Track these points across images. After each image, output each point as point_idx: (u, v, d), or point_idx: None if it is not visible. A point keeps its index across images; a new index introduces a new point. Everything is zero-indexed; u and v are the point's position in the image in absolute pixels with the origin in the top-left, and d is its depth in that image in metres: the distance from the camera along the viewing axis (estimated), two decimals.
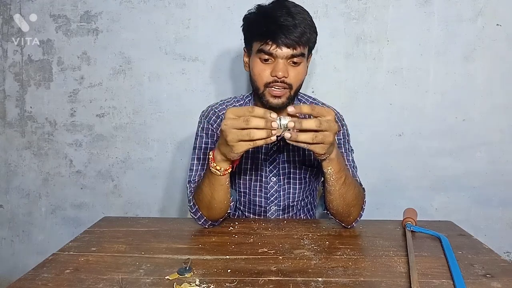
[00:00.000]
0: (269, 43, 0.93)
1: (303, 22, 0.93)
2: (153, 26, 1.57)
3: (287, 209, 1.11)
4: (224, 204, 0.93)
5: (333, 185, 0.88)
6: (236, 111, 0.76)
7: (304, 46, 0.95)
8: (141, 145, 1.65)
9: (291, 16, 0.92)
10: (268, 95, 0.97)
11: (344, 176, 0.88)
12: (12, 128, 1.67)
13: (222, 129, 0.76)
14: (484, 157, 1.57)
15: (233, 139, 0.75)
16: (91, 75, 1.61)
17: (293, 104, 1.04)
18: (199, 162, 1.04)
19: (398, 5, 1.50)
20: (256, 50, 0.97)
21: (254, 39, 0.98)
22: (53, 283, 0.69)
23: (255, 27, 0.97)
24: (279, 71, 0.93)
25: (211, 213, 0.94)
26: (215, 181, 0.88)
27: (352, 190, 0.91)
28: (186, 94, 1.60)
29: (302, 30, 0.93)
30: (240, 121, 0.74)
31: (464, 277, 0.70)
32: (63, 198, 1.70)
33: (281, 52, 0.93)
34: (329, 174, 0.86)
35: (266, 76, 0.96)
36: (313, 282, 0.69)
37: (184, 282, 0.68)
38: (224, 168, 0.85)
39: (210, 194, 0.91)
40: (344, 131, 1.10)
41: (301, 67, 0.97)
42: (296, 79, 0.97)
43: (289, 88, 0.97)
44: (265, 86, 0.97)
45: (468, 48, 1.51)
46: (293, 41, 0.92)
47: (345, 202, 0.91)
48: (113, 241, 0.88)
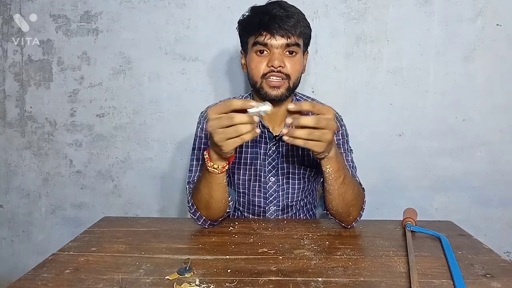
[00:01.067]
0: (263, 33, 0.94)
1: (295, 14, 0.95)
2: (153, 26, 1.57)
3: (286, 209, 1.11)
4: (222, 203, 0.93)
5: (332, 185, 0.88)
6: (217, 110, 0.75)
7: (298, 37, 0.96)
8: (141, 145, 1.65)
9: (284, 9, 0.95)
10: (266, 87, 0.97)
11: (343, 176, 0.88)
12: (12, 128, 1.67)
13: (209, 131, 0.76)
14: (484, 157, 1.57)
15: (220, 139, 0.75)
16: (91, 75, 1.61)
17: (292, 102, 1.04)
18: (198, 162, 1.04)
19: (398, 5, 1.50)
20: (251, 44, 0.98)
21: (249, 34, 0.99)
22: (53, 283, 0.69)
23: (249, 23, 0.99)
24: (275, 60, 0.94)
25: (209, 212, 0.94)
26: (213, 180, 0.88)
27: (352, 190, 0.91)
28: (186, 94, 1.60)
29: (296, 20, 0.94)
30: (223, 119, 0.74)
31: (464, 277, 0.70)
32: (63, 198, 1.70)
33: (276, 42, 0.94)
34: (328, 173, 0.86)
35: (262, 68, 0.96)
36: (313, 282, 0.69)
37: (184, 282, 0.68)
38: (221, 166, 0.85)
39: (208, 193, 0.91)
40: (343, 131, 1.10)
41: (298, 58, 0.98)
42: (294, 70, 0.97)
43: (287, 78, 0.97)
44: (262, 78, 0.97)
45: (468, 48, 1.51)
46: (287, 30, 0.93)
47: (344, 201, 0.91)
48: (113, 241, 0.88)
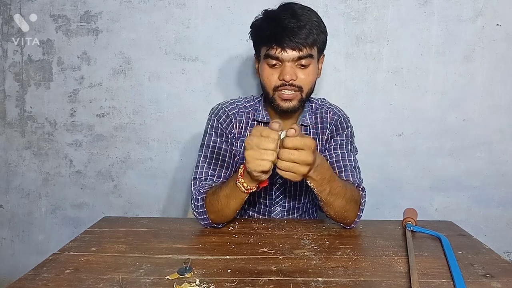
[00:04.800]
0: (274, 47, 0.92)
1: (308, 22, 0.92)
2: (153, 26, 1.57)
3: (291, 210, 1.11)
4: (235, 213, 0.93)
5: (318, 195, 0.88)
6: (261, 131, 0.75)
7: (311, 47, 0.94)
8: (141, 145, 1.65)
9: (296, 18, 0.91)
10: (278, 99, 0.97)
11: (329, 188, 0.86)
12: (12, 128, 1.67)
13: (244, 145, 0.77)
14: (484, 157, 1.57)
15: (248, 155, 0.75)
16: (91, 75, 1.61)
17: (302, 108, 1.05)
18: (205, 159, 1.03)
19: (398, 5, 1.50)
20: (263, 55, 0.96)
21: (261, 45, 0.98)
22: (53, 283, 0.69)
23: (261, 32, 0.97)
24: (286, 75, 0.92)
25: (219, 218, 0.94)
26: (237, 195, 0.87)
27: (342, 198, 0.89)
28: (186, 94, 1.60)
29: (308, 31, 0.91)
30: (261, 139, 0.74)
31: (464, 277, 0.70)
32: (63, 198, 1.70)
33: (287, 56, 0.92)
34: (312, 187, 0.86)
35: (274, 80, 0.95)
36: (313, 282, 0.69)
37: (184, 282, 0.68)
38: (249, 187, 0.84)
39: (227, 204, 0.90)
40: (348, 132, 1.09)
41: (311, 69, 0.96)
42: (306, 82, 0.96)
43: (299, 90, 0.96)
44: (274, 90, 0.96)
45: (468, 48, 1.51)
46: (298, 43, 0.90)
47: (334, 210, 0.90)
48: (113, 241, 0.88)
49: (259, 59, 1.01)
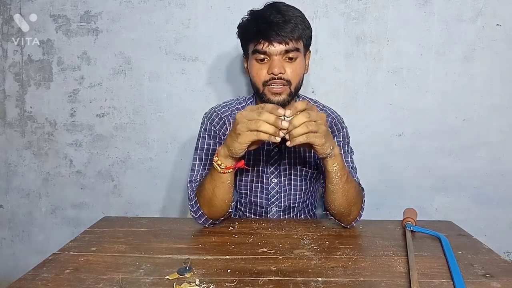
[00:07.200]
0: (262, 41, 0.94)
1: (293, 18, 0.95)
2: (153, 26, 1.57)
3: (288, 210, 1.12)
4: (225, 202, 0.93)
5: (337, 184, 0.89)
6: (252, 107, 0.81)
7: (297, 41, 0.96)
8: (141, 145, 1.65)
9: (281, 14, 0.94)
10: (268, 93, 0.98)
11: (346, 174, 0.90)
12: (12, 128, 1.67)
13: (236, 117, 0.80)
14: (484, 157, 1.57)
15: (242, 128, 0.78)
16: (91, 75, 1.61)
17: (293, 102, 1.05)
18: (201, 162, 1.05)
19: (398, 5, 1.50)
20: (251, 51, 0.99)
21: (249, 42, 1.00)
22: (53, 283, 0.69)
23: (248, 30, 0.99)
24: (274, 68, 0.94)
25: (211, 211, 0.95)
26: (217, 177, 0.89)
27: (354, 188, 0.93)
28: (186, 94, 1.60)
29: (293, 25, 0.94)
30: (253, 112, 0.78)
31: (464, 277, 0.70)
32: (63, 198, 1.70)
33: (274, 49, 0.94)
34: (334, 172, 0.87)
35: (263, 75, 0.97)
36: (313, 282, 0.69)
37: (184, 282, 0.68)
38: (225, 165, 0.86)
39: (212, 190, 0.91)
40: (344, 133, 1.10)
41: (298, 63, 0.98)
42: (294, 75, 0.97)
43: (288, 84, 0.97)
44: (263, 85, 0.98)
45: (468, 48, 1.51)
46: (284, 37, 0.93)
47: (347, 200, 0.91)
48: (113, 241, 0.88)
49: (248, 57, 1.04)
